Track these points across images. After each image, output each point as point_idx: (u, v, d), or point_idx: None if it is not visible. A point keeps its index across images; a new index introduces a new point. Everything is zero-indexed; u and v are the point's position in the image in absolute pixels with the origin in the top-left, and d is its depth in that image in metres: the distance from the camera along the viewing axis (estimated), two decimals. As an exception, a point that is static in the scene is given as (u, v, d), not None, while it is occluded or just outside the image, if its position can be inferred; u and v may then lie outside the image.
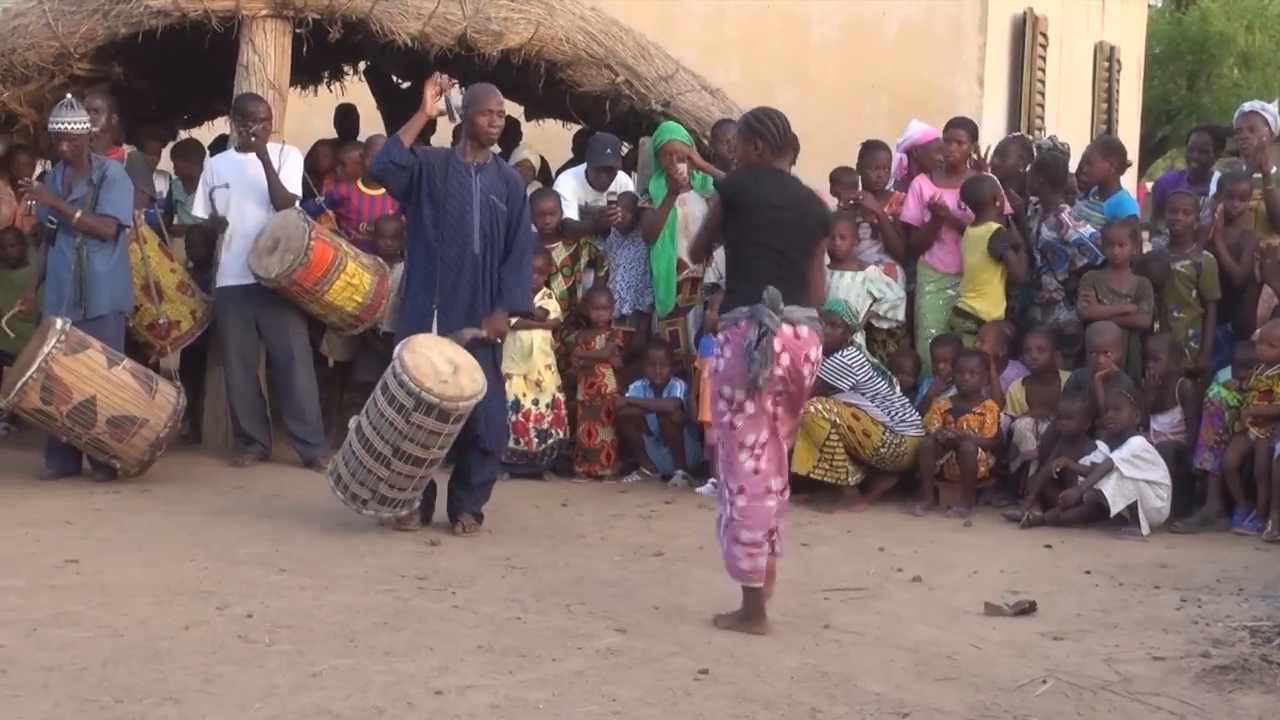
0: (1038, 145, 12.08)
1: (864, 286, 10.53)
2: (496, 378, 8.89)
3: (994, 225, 10.38)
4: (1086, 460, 9.41)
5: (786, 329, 6.71)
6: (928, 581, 8.01)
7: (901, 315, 10.71)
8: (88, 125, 10.05)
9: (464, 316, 8.68)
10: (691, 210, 10.70)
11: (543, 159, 13.34)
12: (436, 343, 8.47)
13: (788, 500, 7.09)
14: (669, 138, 10.75)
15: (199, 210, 10.82)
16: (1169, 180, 11.68)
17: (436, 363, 8.32)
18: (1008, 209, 10.64)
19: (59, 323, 9.57)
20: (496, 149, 9.23)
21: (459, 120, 8.89)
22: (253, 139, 10.39)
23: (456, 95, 8.94)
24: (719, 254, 8.12)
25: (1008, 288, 10.51)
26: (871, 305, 10.55)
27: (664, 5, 15.57)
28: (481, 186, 8.72)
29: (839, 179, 11.16)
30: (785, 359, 6.72)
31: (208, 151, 11.92)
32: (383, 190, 10.52)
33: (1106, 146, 11.24)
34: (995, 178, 10.72)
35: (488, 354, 8.77)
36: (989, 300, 10.44)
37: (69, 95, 10.15)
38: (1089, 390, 9.67)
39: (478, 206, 8.70)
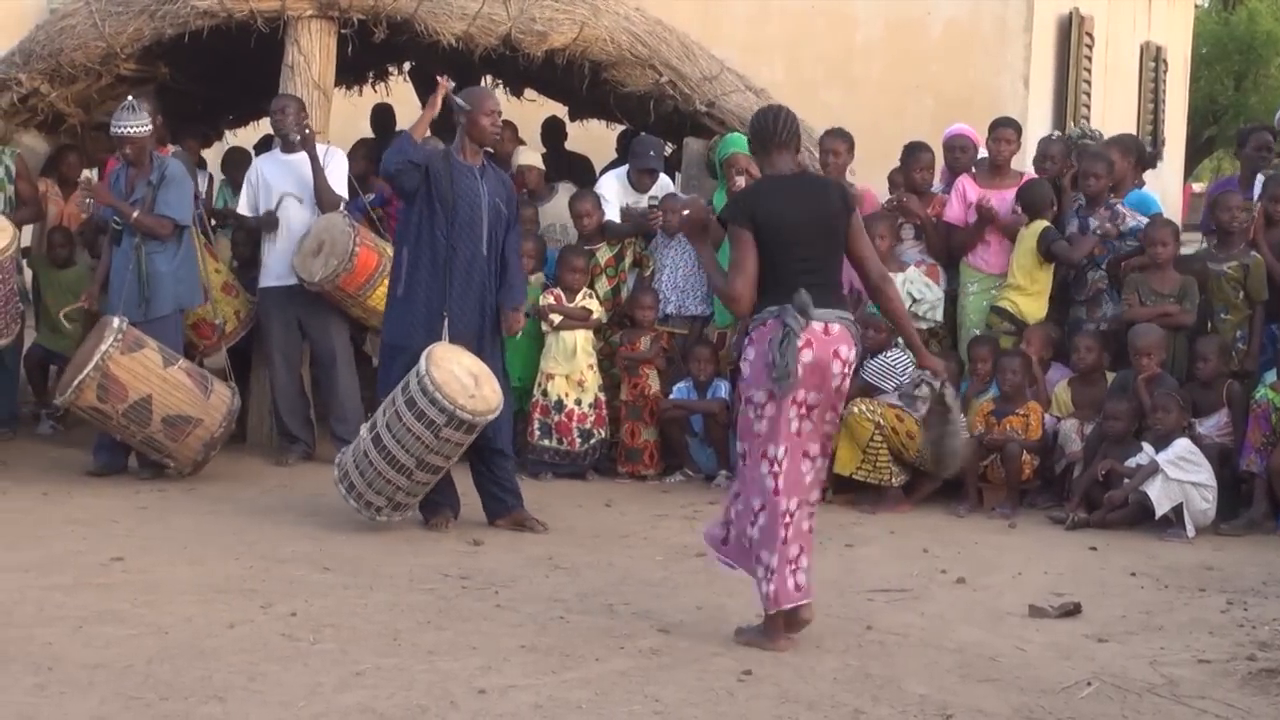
0: (1069, 136, 12.06)
1: (904, 287, 10.49)
2: (502, 369, 8.99)
3: (1043, 224, 10.34)
4: (1132, 462, 9.37)
5: (816, 326, 6.55)
6: (972, 583, 7.98)
7: (940, 315, 10.67)
8: (149, 127, 10.10)
9: (474, 319, 8.73)
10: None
11: (588, 159, 13.38)
12: (453, 352, 8.51)
13: (806, 531, 6.72)
14: (733, 150, 10.72)
15: (244, 209, 10.86)
16: (1223, 186, 11.60)
17: (460, 376, 8.37)
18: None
19: (115, 321, 9.62)
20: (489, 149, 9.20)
21: (465, 115, 8.81)
22: (306, 132, 10.41)
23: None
24: None
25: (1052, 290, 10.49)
26: (911, 306, 10.52)
27: (708, 5, 15.56)
28: (488, 191, 8.76)
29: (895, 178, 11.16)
30: (808, 355, 6.53)
31: (253, 152, 11.97)
32: None
33: (1122, 145, 11.20)
34: (1048, 182, 10.67)
35: (497, 344, 8.91)
36: (1036, 302, 10.41)
37: (130, 98, 10.20)
38: (1133, 392, 9.62)
39: (486, 210, 8.73)
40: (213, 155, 13.51)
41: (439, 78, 9.06)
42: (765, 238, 6.63)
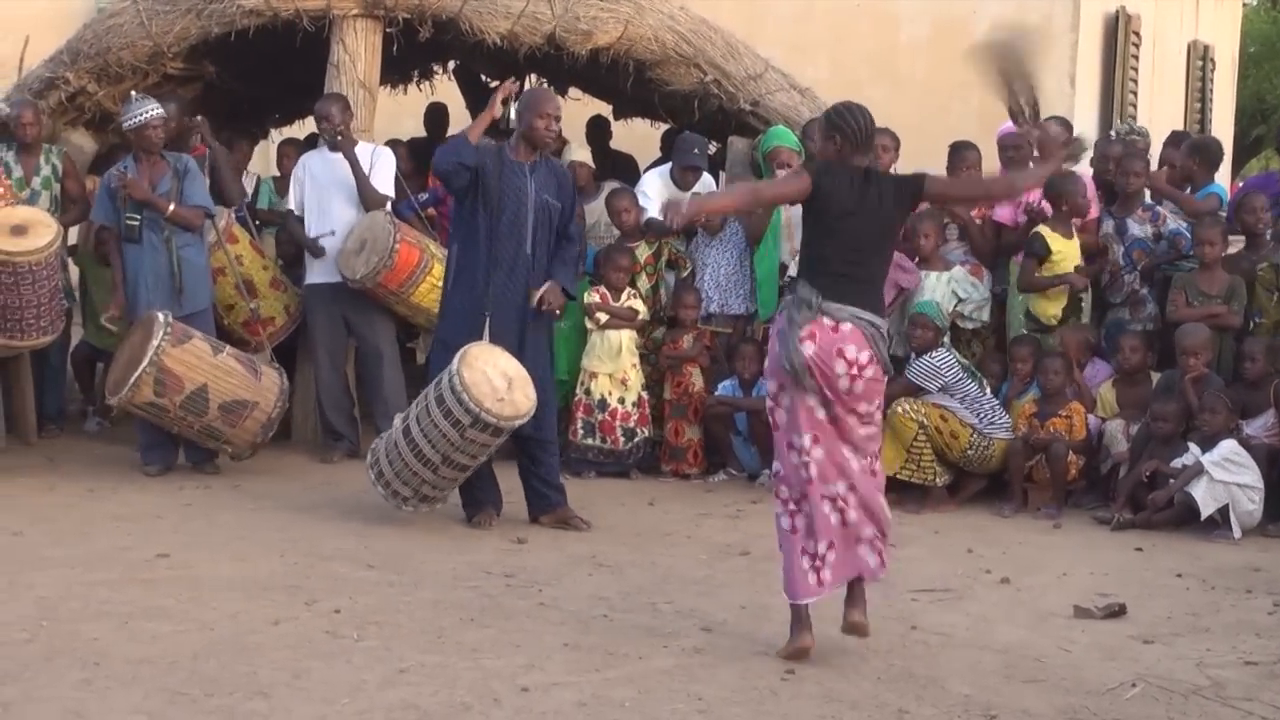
0: (1115, 132, 12.02)
1: (949, 287, 10.47)
2: (548, 362, 8.97)
3: (1039, 228, 10.30)
4: (1178, 463, 9.32)
5: (826, 321, 6.40)
6: (1016, 583, 7.96)
7: (986, 316, 10.64)
8: (162, 111, 10.16)
9: (516, 318, 8.73)
10: (795, 214, 10.66)
11: (633, 157, 13.38)
12: (489, 353, 8.51)
13: (857, 528, 6.58)
14: (776, 144, 10.72)
15: (292, 206, 10.89)
16: (1256, 183, 11.57)
17: (492, 377, 8.38)
18: (1094, 212, 10.56)
19: (161, 316, 9.67)
20: None
21: (509, 125, 8.84)
22: (339, 137, 10.45)
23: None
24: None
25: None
26: (956, 305, 10.49)
27: (752, 4, 15.55)
28: (536, 186, 8.75)
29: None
30: (809, 347, 6.37)
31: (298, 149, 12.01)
32: None
33: (1192, 144, 11.15)
34: (1081, 179, 10.62)
35: (542, 338, 8.88)
36: (1052, 302, 10.37)
37: (132, 93, 10.27)
38: (1179, 393, 9.58)
39: (532, 207, 8.73)
40: (258, 153, 13.56)
41: (500, 81, 9.04)
42: (815, 215, 6.55)
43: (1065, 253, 10.30)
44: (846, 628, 6.59)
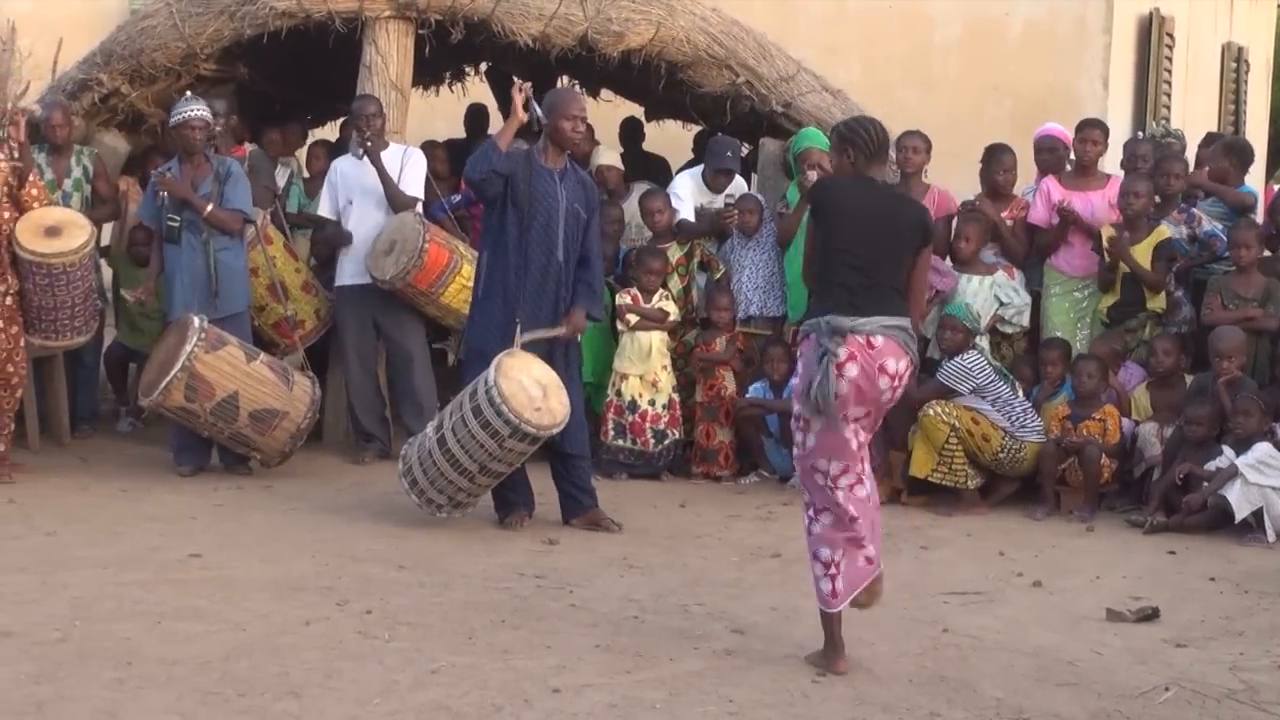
0: (1151, 135, 11.98)
1: (991, 291, 10.46)
2: (573, 377, 8.96)
3: (1164, 233, 10.27)
4: (1211, 466, 9.28)
5: (858, 338, 6.32)
6: (1048, 586, 7.93)
7: (1026, 321, 10.62)
8: (210, 112, 10.20)
9: (546, 326, 8.74)
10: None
11: (665, 159, 13.37)
12: (523, 361, 8.52)
13: (861, 534, 6.52)
14: (808, 145, 10.70)
15: (324, 210, 10.91)
16: None
17: (528, 387, 8.40)
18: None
19: (196, 320, 9.69)
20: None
21: (540, 125, 8.83)
22: (368, 144, 10.46)
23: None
24: None
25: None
26: (998, 309, 10.47)
27: (784, 5, 15.52)
28: (566, 195, 8.75)
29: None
30: (853, 369, 6.30)
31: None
32: None
33: (1225, 145, 11.12)
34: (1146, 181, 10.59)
35: (564, 357, 8.88)
36: (1104, 300, 10.37)
37: (188, 93, 10.32)
38: (1213, 395, 9.54)
39: (563, 216, 8.72)
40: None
41: (516, 80, 9.07)
42: (828, 222, 6.52)
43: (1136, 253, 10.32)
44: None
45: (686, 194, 11.28)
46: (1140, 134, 12.66)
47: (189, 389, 9.62)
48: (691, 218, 11.15)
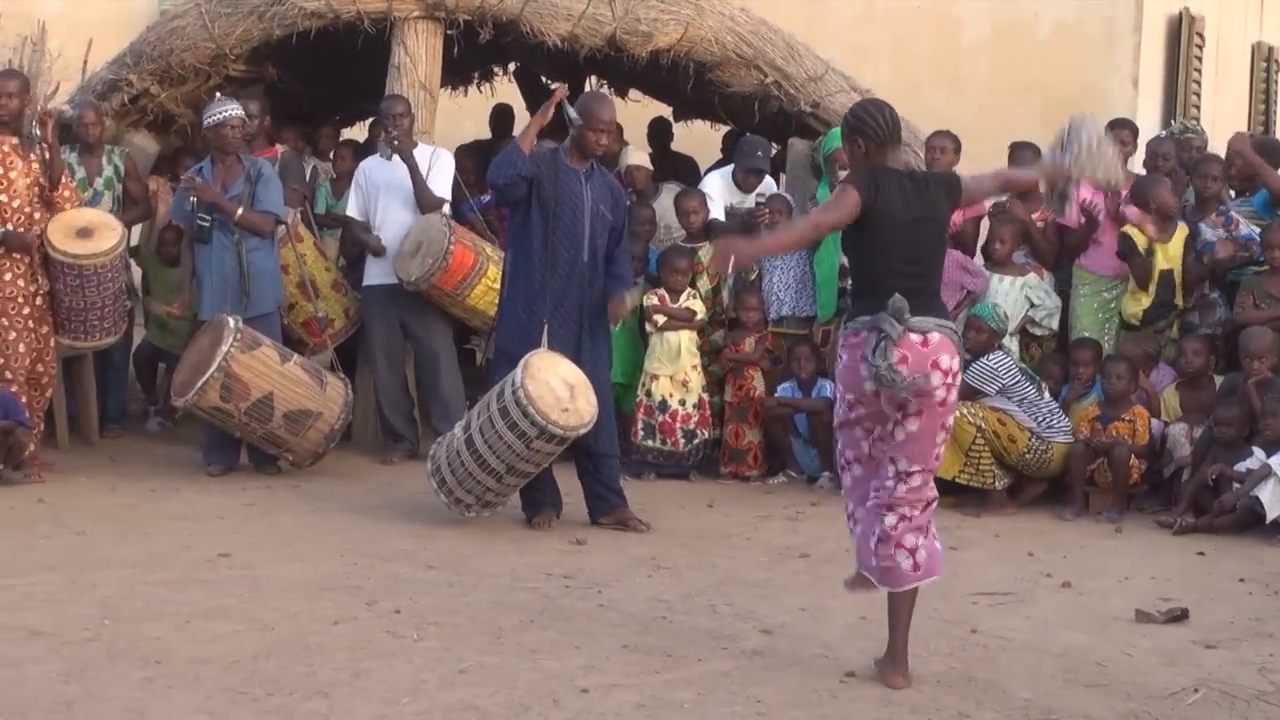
0: (1170, 131, 11.94)
1: (1022, 292, 10.44)
2: (607, 372, 8.98)
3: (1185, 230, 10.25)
4: (1242, 466, 9.25)
5: (913, 337, 6.14)
6: (1077, 587, 7.91)
7: (1056, 324, 10.61)
8: (241, 112, 10.23)
9: (573, 325, 8.75)
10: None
11: (693, 159, 13.36)
12: (550, 361, 8.53)
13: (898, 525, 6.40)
14: (837, 145, 10.67)
15: (352, 212, 10.92)
16: None
17: (555, 387, 8.41)
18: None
19: (231, 321, 9.72)
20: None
21: (574, 125, 8.84)
22: (396, 143, 10.47)
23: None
24: None
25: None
26: (1028, 310, 10.46)
27: (813, 5, 15.49)
28: (592, 196, 8.75)
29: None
30: (905, 370, 6.11)
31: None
32: None
33: (1256, 144, 11.08)
34: (1167, 179, 10.56)
35: (601, 347, 8.91)
36: (1131, 298, 10.32)
37: (217, 94, 10.36)
38: (1243, 396, 9.51)
39: (589, 216, 8.73)
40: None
41: (553, 85, 9.09)
42: (872, 229, 6.27)
43: (1164, 252, 10.29)
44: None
45: (717, 194, 11.28)
46: (1163, 132, 12.62)
47: (224, 389, 9.65)
48: (722, 217, 11.15)
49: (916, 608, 6.68)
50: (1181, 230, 10.28)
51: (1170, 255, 10.25)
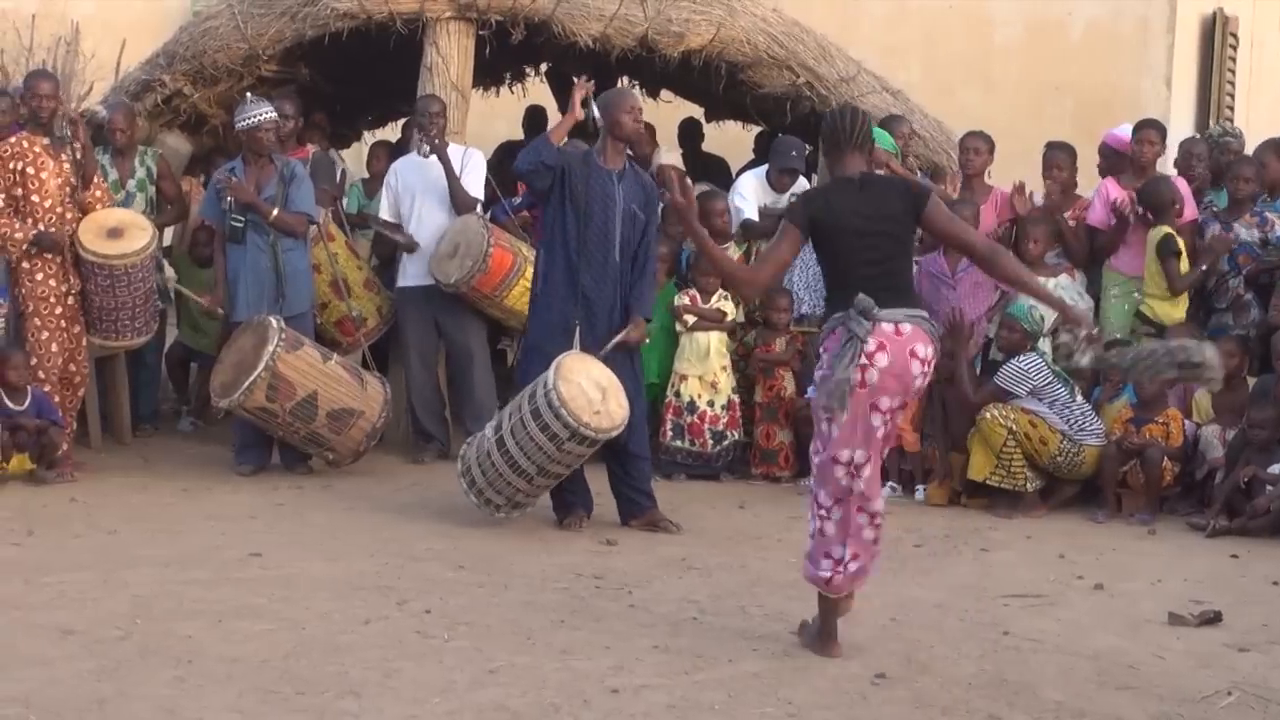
0: (1209, 135, 11.89)
1: (1055, 293, 10.38)
2: (635, 380, 8.95)
3: (1163, 230, 10.18)
4: (1275, 468, 9.21)
5: (886, 327, 6.32)
6: (1109, 589, 7.88)
7: (1089, 325, 10.57)
8: (274, 113, 10.25)
9: (605, 324, 8.75)
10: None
11: (724, 160, 13.35)
12: (582, 362, 8.53)
13: (880, 534, 6.59)
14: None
15: (384, 213, 10.93)
16: None
17: (587, 389, 8.40)
18: (1190, 213, 10.44)
19: (274, 321, 9.74)
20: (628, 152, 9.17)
21: (597, 125, 8.85)
22: (435, 142, 10.48)
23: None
24: None
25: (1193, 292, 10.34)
26: (1061, 311, 10.43)
27: (845, 6, 15.49)
28: (623, 195, 8.75)
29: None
30: (883, 359, 6.31)
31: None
32: None
33: (1277, 146, 11.02)
34: (1172, 180, 10.52)
35: (626, 358, 8.86)
36: (1174, 305, 10.26)
37: (248, 95, 10.36)
38: (1276, 398, 9.47)
39: (620, 216, 8.73)
40: (350, 155, 13.64)
41: (576, 79, 9.11)
42: (827, 239, 6.51)
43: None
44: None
45: (750, 194, 11.25)
46: (1197, 135, 12.58)
47: (270, 389, 9.67)
48: (755, 218, 11.13)
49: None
50: (1155, 233, 10.27)
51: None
